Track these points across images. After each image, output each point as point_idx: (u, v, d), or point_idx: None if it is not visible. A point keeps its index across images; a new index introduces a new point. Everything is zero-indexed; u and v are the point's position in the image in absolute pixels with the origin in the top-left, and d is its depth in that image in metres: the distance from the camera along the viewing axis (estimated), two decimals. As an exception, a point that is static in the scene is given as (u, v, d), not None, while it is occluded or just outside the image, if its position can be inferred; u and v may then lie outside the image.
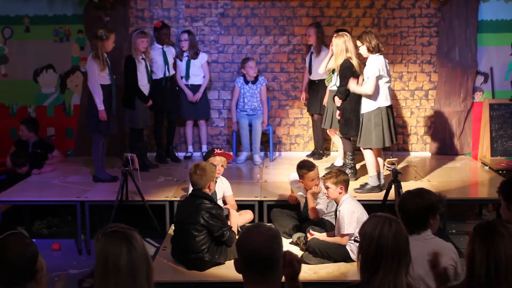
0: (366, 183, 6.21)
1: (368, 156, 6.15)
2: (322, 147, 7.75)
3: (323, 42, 7.44)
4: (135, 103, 6.99)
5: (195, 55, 7.57)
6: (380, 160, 6.24)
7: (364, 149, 6.17)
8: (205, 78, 7.69)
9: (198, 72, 7.64)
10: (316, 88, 7.44)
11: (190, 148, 7.95)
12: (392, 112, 6.18)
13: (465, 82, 7.85)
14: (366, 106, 6.05)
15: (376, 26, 7.85)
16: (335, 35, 6.53)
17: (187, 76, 7.60)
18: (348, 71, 6.33)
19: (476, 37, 7.78)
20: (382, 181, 6.20)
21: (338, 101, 6.47)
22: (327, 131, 7.33)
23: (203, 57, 7.67)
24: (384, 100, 6.02)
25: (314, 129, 7.80)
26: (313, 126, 7.83)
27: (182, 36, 7.54)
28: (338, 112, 6.58)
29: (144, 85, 7.05)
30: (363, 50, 6.04)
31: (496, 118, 7.74)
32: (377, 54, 6.00)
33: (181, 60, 7.60)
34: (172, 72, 7.49)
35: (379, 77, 5.95)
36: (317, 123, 7.60)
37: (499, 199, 3.81)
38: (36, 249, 2.58)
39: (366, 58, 6.15)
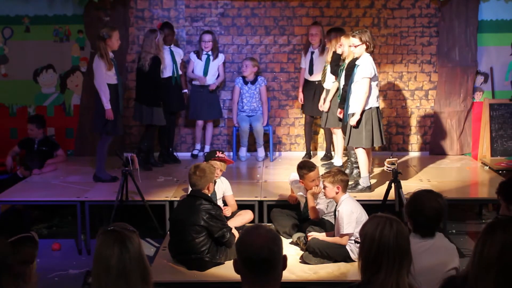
0: (357, 183, 6.20)
1: (361, 156, 6.14)
2: (329, 149, 7.72)
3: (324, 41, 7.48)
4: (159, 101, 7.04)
5: (215, 56, 7.61)
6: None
7: (356, 148, 6.18)
8: (220, 76, 7.72)
9: (215, 72, 7.67)
10: (316, 89, 7.43)
11: (198, 146, 7.93)
12: (381, 113, 6.18)
13: (465, 82, 7.85)
14: (356, 106, 6.05)
15: (376, 26, 7.86)
16: (344, 35, 6.50)
17: (205, 74, 7.61)
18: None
19: (476, 37, 7.78)
20: (371, 182, 6.25)
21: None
22: (331, 129, 7.35)
23: (221, 58, 7.71)
24: (374, 101, 6.03)
25: (308, 129, 7.75)
26: (307, 126, 7.76)
27: (206, 37, 7.53)
28: (339, 110, 6.57)
29: None
30: (360, 49, 5.98)
31: (496, 118, 7.74)
32: (369, 54, 6.02)
33: (199, 59, 7.60)
34: (179, 72, 7.52)
35: (372, 78, 5.96)
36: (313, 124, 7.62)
37: (498, 199, 3.80)
38: (34, 254, 2.56)
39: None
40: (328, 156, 7.60)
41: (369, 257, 2.64)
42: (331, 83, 6.93)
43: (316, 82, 7.41)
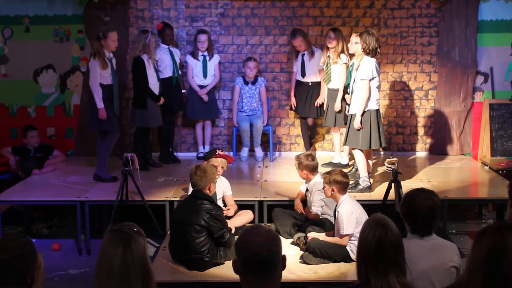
0: (357, 183, 6.21)
1: (358, 156, 6.15)
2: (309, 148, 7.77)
3: (311, 43, 7.49)
4: (147, 102, 7.02)
5: (211, 56, 7.61)
6: (369, 160, 6.26)
7: (353, 149, 6.19)
8: (215, 78, 7.71)
9: (212, 72, 7.67)
10: (309, 90, 7.45)
11: (201, 149, 7.92)
12: (380, 116, 6.19)
13: (465, 82, 7.85)
14: (355, 107, 6.05)
15: (376, 26, 7.85)
16: (355, 34, 6.46)
17: (204, 75, 7.61)
18: None
19: (476, 37, 7.78)
20: (371, 182, 6.25)
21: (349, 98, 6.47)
22: (331, 128, 7.37)
23: (216, 58, 7.70)
24: (374, 104, 6.03)
25: (305, 130, 7.76)
26: (303, 127, 7.76)
27: (202, 37, 7.52)
28: (347, 108, 6.56)
29: (154, 84, 7.09)
30: (358, 48, 6.03)
31: (496, 118, 7.74)
32: (372, 57, 6.00)
33: (197, 59, 7.60)
34: (179, 72, 7.54)
35: (371, 80, 5.95)
36: (309, 125, 7.64)
37: (508, 198, 3.74)
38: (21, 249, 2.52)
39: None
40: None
41: (357, 259, 2.70)
42: (335, 84, 6.95)
43: (310, 83, 7.44)
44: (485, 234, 2.53)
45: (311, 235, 5.04)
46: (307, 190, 5.56)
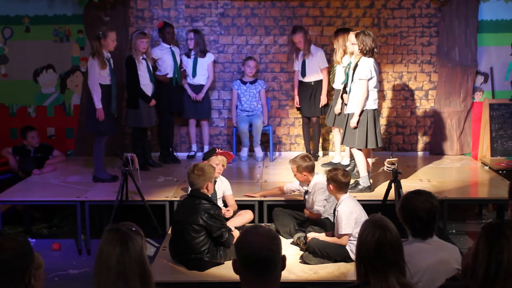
0: (357, 183, 6.21)
1: (358, 156, 6.15)
2: (317, 148, 7.77)
3: (311, 42, 7.50)
4: (139, 102, 7.02)
5: (202, 54, 7.60)
6: (368, 160, 6.27)
7: (351, 148, 6.20)
8: (208, 78, 7.70)
9: (204, 71, 7.67)
10: (312, 90, 7.47)
11: (194, 147, 7.94)
12: (378, 116, 6.19)
13: (465, 82, 7.85)
14: (353, 107, 6.06)
15: (376, 26, 7.86)
16: (353, 33, 6.45)
17: (193, 74, 7.61)
18: None
19: (476, 37, 7.78)
20: (371, 181, 6.25)
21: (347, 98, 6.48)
22: (332, 128, 7.39)
23: (209, 57, 7.69)
24: (371, 103, 6.02)
25: (306, 130, 7.78)
26: (305, 127, 7.80)
27: (189, 35, 7.59)
28: (344, 107, 6.56)
29: (146, 85, 7.07)
30: (355, 48, 6.04)
31: (496, 118, 7.74)
32: (370, 57, 5.99)
33: (189, 57, 7.63)
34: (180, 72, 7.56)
35: (369, 79, 5.95)
36: (316, 125, 7.65)
37: (508, 198, 3.73)
38: (21, 248, 2.52)
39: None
40: (316, 156, 7.63)
41: (357, 260, 2.70)
42: (339, 84, 6.96)
43: (312, 83, 7.45)
44: (485, 230, 2.53)
45: (311, 235, 5.04)
46: (307, 192, 5.54)
